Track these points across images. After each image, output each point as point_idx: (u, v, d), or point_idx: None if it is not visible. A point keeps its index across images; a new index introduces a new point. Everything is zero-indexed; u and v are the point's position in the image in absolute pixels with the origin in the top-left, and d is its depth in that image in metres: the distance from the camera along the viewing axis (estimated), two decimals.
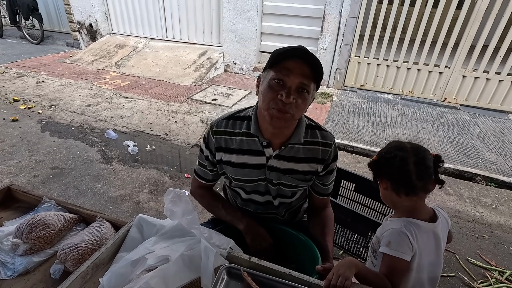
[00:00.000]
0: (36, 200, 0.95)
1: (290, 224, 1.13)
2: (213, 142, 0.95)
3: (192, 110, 3.45)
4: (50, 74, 4.32)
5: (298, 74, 0.78)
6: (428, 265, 0.89)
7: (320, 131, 0.96)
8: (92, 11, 5.33)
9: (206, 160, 1.00)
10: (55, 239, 0.83)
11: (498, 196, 2.38)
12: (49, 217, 0.83)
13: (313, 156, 0.94)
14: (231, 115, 0.96)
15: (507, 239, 1.98)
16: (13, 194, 0.99)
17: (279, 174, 0.93)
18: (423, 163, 0.85)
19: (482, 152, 2.90)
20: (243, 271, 0.60)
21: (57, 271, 0.74)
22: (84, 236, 0.80)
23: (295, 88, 0.79)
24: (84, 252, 0.75)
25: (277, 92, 0.79)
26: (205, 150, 0.98)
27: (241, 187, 1.00)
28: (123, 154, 2.62)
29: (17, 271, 0.74)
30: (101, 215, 0.88)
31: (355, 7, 3.80)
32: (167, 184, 2.27)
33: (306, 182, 0.97)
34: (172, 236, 0.72)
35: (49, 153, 2.55)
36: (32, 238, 0.79)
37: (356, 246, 1.72)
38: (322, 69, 0.81)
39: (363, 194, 1.94)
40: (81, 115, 3.27)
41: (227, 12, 4.42)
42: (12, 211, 0.95)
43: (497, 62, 3.63)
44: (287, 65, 0.79)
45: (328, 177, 1.00)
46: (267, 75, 0.83)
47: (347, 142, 2.92)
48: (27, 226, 0.80)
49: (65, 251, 0.76)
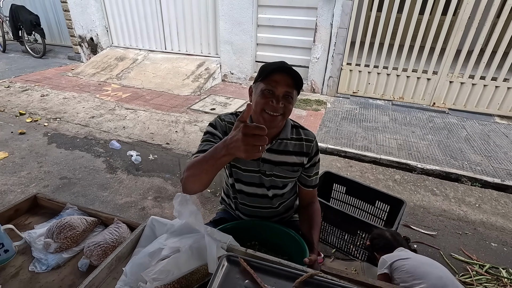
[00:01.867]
0: (59, 207, 1.09)
1: (283, 222, 1.28)
2: (221, 125, 1.10)
3: (191, 119, 3.60)
4: (53, 87, 4.48)
5: (284, 85, 0.97)
6: None
7: (303, 130, 1.16)
8: (93, 26, 5.52)
9: (213, 137, 1.06)
10: (80, 239, 0.96)
11: (482, 196, 2.53)
12: (73, 220, 0.97)
13: (299, 150, 1.13)
14: (233, 112, 1.16)
15: (489, 235, 2.12)
16: (39, 202, 1.13)
17: (272, 166, 1.11)
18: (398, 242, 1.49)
19: (468, 154, 3.06)
20: (240, 257, 0.74)
21: (84, 265, 0.88)
22: (105, 235, 0.94)
23: (282, 96, 0.98)
24: (107, 248, 0.89)
25: (268, 99, 0.98)
26: (213, 131, 1.08)
27: (238, 178, 1.14)
28: (127, 163, 2.76)
29: (50, 266, 0.88)
30: (117, 218, 1.02)
31: (345, 19, 4.00)
32: (169, 191, 2.41)
33: (294, 173, 1.14)
34: (180, 233, 0.86)
35: (57, 164, 2.69)
36: (61, 238, 0.92)
37: (347, 244, 1.85)
38: (302, 79, 1.00)
39: (354, 196, 2.09)
40: (85, 127, 3.41)
41: (223, 24, 4.62)
42: (39, 216, 1.09)
43: (481, 67, 3.81)
44: (274, 78, 0.97)
45: (312, 169, 1.17)
46: (258, 86, 1.01)
47: (339, 147, 3.08)
48: (56, 228, 0.94)
49: (90, 248, 0.89)
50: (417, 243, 2.02)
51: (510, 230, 2.17)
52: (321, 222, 1.25)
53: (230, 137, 0.75)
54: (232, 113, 1.16)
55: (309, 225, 1.16)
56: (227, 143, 0.76)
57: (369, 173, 2.79)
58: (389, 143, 3.23)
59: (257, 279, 0.70)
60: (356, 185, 2.06)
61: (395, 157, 2.96)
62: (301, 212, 1.27)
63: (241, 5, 4.38)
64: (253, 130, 0.70)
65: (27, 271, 0.87)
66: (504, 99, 3.89)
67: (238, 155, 0.74)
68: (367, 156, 2.98)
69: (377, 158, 2.95)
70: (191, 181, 0.89)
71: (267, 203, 1.19)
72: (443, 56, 3.90)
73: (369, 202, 2.03)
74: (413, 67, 4.08)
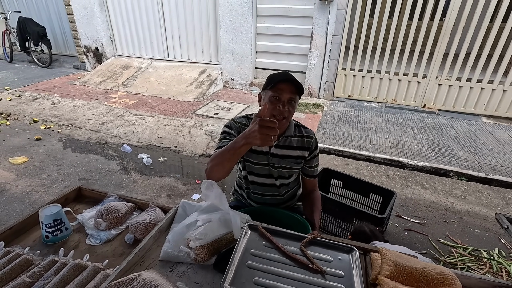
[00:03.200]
0: (101, 196, 1.30)
1: (289, 208, 1.49)
2: (235, 126, 1.29)
3: (196, 124, 3.82)
4: (62, 96, 4.69)
5: (288, 92, 1.18)
6: None
7: (304, 128, 1.37)
8: (98, 36, 5.76)
9: (229, 136, 1.24)
10: (123, 220, 1.17)
11: (468, 188, 2.76)
12: (117, 205, 1.18)
13: (301, 145, 1.34)
14: (245, 116, 1.36)
15: (473, 223, 2.34)
16: (83, 192, 1.33)
17: (279, 159, 1.32)
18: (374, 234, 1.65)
19: (456, 151, 3.29)
20: (258, 225, 0.95)
21: (130, 239, 1.09)
22: (144, 216, 1.15)
23: (287, 101, 1.19)
24: (148, 225, 1.10)
25: (275, 104, 1.18)
26: (229, 131, 1.27)
27: (251, 171, 1.35)
28: (139, 165, 2.97)
29: (102, 240, 1.08)
30: (152, 203, 1.23)
31: (339, 27, 4.26)
32: (181, 189, 2.61)
33: (298, 165, 1.35)
34: (208, 211, 1.07)
35: (74, 166, 2.89)
36: (109, 218, 1.13)
37: (344, 232, 2.06)
38: (303, 87, 1.22)
39: (350, 190, 2.30)
40: (97, 132, 3.62)
41: (224, 33, 4.87)
42: (84, 204, 1.29)
43: (467, 70, 4.08)
44: (280, 86, 1.18)
45: (313, 161, 1.39)
46: (267, 93, 1.21)
47: (336, 147, 3.30)
48: (104, 211, 1.15)
49: (134, 225, 1.10)
50: (408, 231, 2.23)
51: (492, 218, 2.39)
52: (321, 206, 1.46)
53: (248, 130, 0.95)
54: (244, 116, 1.36)
55: (311, 209, 1.38)
56: (246, 135, 0.96)
57: (364, 170, 3.01)
58: (382, 142, 3.45)
59: (273, 240, 0.91)
60: (352, 180, 2.28)
61: (388, 155, 3.19)
62: (304, 199, 1.48)
63: (240, 15, 4.64)
64: (267, 123, 0.91)
65: (85, 244, 1.08)
66: (490, 99, 4.14)
67: (255, 143, 0.94)
68: (362, 154, 3.21)
69: (372, 156, 3.17)
70: (215, 170, 1.09)
71: (275, 192, 1.41)
72: (432, 59, 4.16)
73: (364, 195, 2.25)
74: (404, 71, 4.33)
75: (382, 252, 0.89)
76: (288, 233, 0.96)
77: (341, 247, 0.93)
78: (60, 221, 1.07)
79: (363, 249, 1.00)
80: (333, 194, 2.39)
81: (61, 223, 1.07)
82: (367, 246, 1.00)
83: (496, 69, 3.99)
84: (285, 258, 0.86)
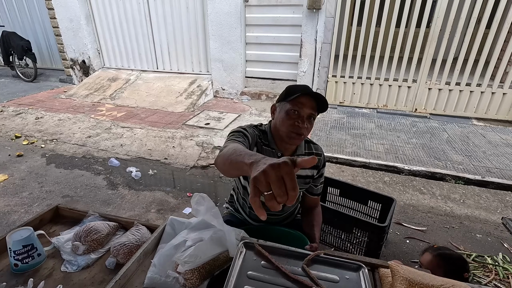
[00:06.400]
0: (81, 215, 1.18)
1: (287, 223, 1.39)
2: (252, 134, 1.10)
3: (187, 135, 3.72)
4: (47, 110, 4.53)
5: (309, 107, 1.07)
6: None
7: (313, 145, 1.28)
8: (84, 49, 5.65)
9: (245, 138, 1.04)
10: (105, 241, 1.05)
11: (465, 192, 2.71)
12: (98, 225, 1.07)
13: None
14: (255, 126, 1.20)
15: (474, 228, 2.28)
16: (60, 212, 1.21)
17: None
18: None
19: (450, 155, 3.27)
20: (255, 243, 0.86)
21: (111, 263, 0.97)
22: (128, 236, 1.03)
23: (306, 117, 1.08)
24: (131, 247, 0.99)
25: (294, 120, 1.07)
26: (246, 133, 1.07)
27: None
28: (128, 179, 2.83)
29: (80, 266, 0.96)
30: (137, 221, 1.12)
31: (328, 34, 4.28)
32: (171, 203, 2.49)
33: (306, 185, 1.26)
34: (199, 228, 0.97)
35: (57, 183, 2.73)
36: (88, 240, 1.01)
37: (344, 242, 1.97)
38: (327, 103, 1.07)
39: (347, 198, 2.22)
40: (82, 147, 3.47)
41: (213, 43, 4.83)
42: (62, 225, 1.17)
43: (455, 74, 4.12)
44: (301, 100, 1.06)
45: (319, 180, 1.30)
46: (284, 106, 1.10)
47: (331, 154, 3.24)
48: (83, 232, 1.03)
49: (117, 247, 0.99)
50: (409, 238, 2.15)
51: (493, 221, 2.34)
52: (322, 222, 1.37)
53: (270, 160, 0.54)
54: (254, 127, 1.19)
55: (311, 223, 1.29)
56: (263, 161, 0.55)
57: (360, 176, 2.95)
58: (376, 148, 3.41)
59: (272, 259, 0.81)
60: (349, 187, 2.20)
61: (383, 160, 3.14)
62: (304, 214, 1.38)
63: (229, 25, 4.62)
64: (287, 175, 0.49)
65: (60, 271, 0.95)
66: (479, 102, 4.18)
67: (256, 182, 0.51)
68: (357, 161, 3.15)
69: (367, 163, 3.12)
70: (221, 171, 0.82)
71: (277, 212, 1.31)
72: (421, 65, 4.19)
73: (362, 202, 2.17)
74: (394, 77, 4.36)
75: (393, 268, 0.80)
76: (288, 251, 0.86)
77: (347, 264, 0.84)
78: (31, 246, 0.95)
79: (370, 265, 0.91)
80: (330, 202, 2.31)
81: (32, 249, 0.95)
82: (374, 261, 0.91)
83: (483, 73, 4.04)
84: (287, 280, 0.77)
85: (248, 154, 0.66)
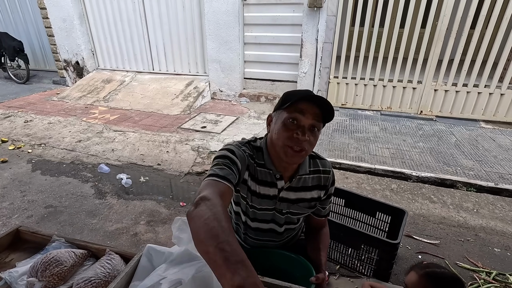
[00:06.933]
0: (45, 240, 1.00)
1: (288, 245, 1.20)
2: (241, 156, 0.90)
3: (182, 139, 3.54)
4: (37, 113, 4.35)
5: (311, 115, 0.87)
6: None
7: (320, 160, 1.06)
8: (78, 50, 5.48)
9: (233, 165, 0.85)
10: (68, 275, 0.87)
11: (479, 200, 2.53)
12: (61, 255, 0.89)
13: (317, 183, 1.04)
14: (248, 142, 0.99)
15: (491, 240, 2.10)
16: (22, 236, 1.03)
17: (289, 204, 1.02)
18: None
19: (460, 160, 3.09)
20: None
21: None
22: (96, 269, 0.85)
23: (308, 127, 0.88)
24: (98, 284, 0.81)
25: (292, 131, 0.87)
26: (233, 158, 0.87)
27: (255, 217, 1.05)
28: (117, 187, 2.65)
29: None
30: (110, 249, 0.94)
31: (329, 34, 4.11)
32: (163, 214, 2.30)
33: (311, 209, 1.07)
34: (181, 261, 0.79)
35: (41, 192, 2.55)
36: (47, 275, 0.83)
37: (351, 259, 1.79)
38: (333, 110, 0.87)
39: (353, 208, 2.04)
40: (72, 152, 3.29)
41: (210, 43, 4.66)
42: (22, 252, 0.99)
43: (462, 75, 3.94)
44: (300, 106, 0.87)
45: (327, 201, 1.11)
46: (281, 115, 0.90)
47: (334, 159, 3.06)
48: (41, 264, 0.85)
49: (80, 285, 0.81)
50: (421, 253, 1.97)
51: (511, 234, 2.16)
52: (329, 244, 1.17)
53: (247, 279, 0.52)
54: (246, 143, 0.99)
55: (317, 246, 1.10)
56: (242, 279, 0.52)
57: (365, 183, 2.77)
58: (382, 152, 3.24)
59: None
60: (355, 197, 2.02)
61: (389, 166, 2.96)
62: (309, 235, 1.19)
63: (227, 25, 4.45)
64: None
65: None
66: (487, 104, 4.01)
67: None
68: (361, 166, 2.97)
69: (372, 168, 2.94)
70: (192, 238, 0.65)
71: (277, 237, 1.12)
72: (426, 66, 4.02)
73: (370, 214, 1.99)
74: (398, 78, 4.18)
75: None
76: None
77: None
78: None
79: None
80: (335, 213, 2.13)
81: None
82: None
83: (491, 74, 3.87)
84: None
85: (231, 260, 0.55)
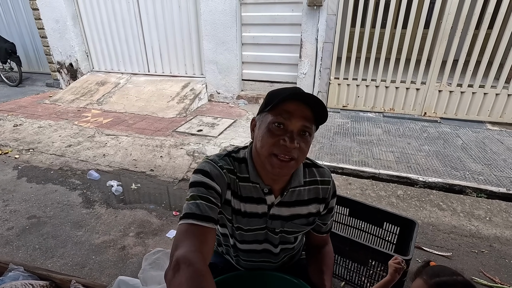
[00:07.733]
0: (2, 268, 0.85)
1: (287, 265, 1.05)
2: (218, 175, 0.79)
3: (177, 143, 3.39)
4: (28, 116, 4.20)
5: (300, 117, 0.73)
6: None
7: (317, 169, 0.91)
8: (72, 51, 5.34)
9: (209, 191, 0.76)
10: None
11: (491, 207, 2.38)
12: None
13: (315, 196, 0.89)
14: (228, 154, 0.86)
15: (507, 252, 1.95)
16: None
17: (282, 221, 0.87)
18: None
19: (468, 164, 2.95)
20: None
21: None
22: None
23: (297, 132, 0.74)
24: None
25: (278, 137, 0.73)
26: (208, 182, 0.77)
27: (243, 239, 0.90)
28: (107, 195, 2.50)
29: None
30: (76, 279, 0.79)
31: (330, 33, 3.98)
32: (154, 225, 2.15)
33: (309, 226, 0.92)
34: None
35: (25, 201, 2.39)
36: None
37: (358, 276, 1.64)
38: (326, 110, 0.75)
39: (358, 218, 1.89)
40: (61, 157, 3.14)
41: (207, 44, 4.53)
42: None
43: (468, 76, 3.81)
44: (287, 107, 0.73)
45: (329, 216, 0.95)
46: (265, 118, 0.77)
47: (336, 164, 2.91)
48: None
49: None
50: None
51: None
52: (333, 264, 1.02)
53: None
54: (227, 155, 0.86)
55: (320, 268, 0.94)
56: None
57: (369, 190, 2.62)
58: (386, 156, 3.09)
59: None
60: (360, 206, 1.87)
61: (394, 171, 2.81)
62: (311, 255, 1.03)
63: (224, 25, 4.32)
64: None
65: None
66: (494, 105, 3.87)
67: None
68: (365, 171, 2.82)
69: (376, 173, 2.79)
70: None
71: (273, 258, 0.97)
72: (430, 66, 3.89)
73: (376, 224, 1.84)
74: (401, 79, 4.05)
75: None
76: None
77: None
78: None
79: None
80: (338, 223, 1.98)
81: None
82: None
83: (497, 75, 3.74)
84: None
85: None
